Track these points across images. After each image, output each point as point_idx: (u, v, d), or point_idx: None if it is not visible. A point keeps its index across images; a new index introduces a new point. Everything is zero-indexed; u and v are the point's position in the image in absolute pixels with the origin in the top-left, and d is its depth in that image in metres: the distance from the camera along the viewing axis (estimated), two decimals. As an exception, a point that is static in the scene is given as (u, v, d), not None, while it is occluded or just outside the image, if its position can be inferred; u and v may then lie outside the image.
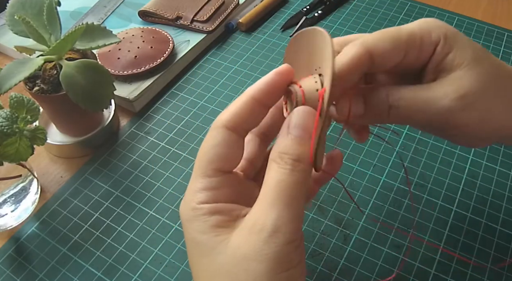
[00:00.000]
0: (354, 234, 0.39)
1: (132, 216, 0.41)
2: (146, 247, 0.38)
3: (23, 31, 0.39)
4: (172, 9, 0.58)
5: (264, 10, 0.61)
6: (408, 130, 0.47)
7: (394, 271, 0.36)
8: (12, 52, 0.55)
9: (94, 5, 0.61)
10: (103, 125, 0.46)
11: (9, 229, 0.40)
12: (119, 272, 0.37)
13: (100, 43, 0.39)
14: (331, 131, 0.47)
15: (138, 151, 0.46)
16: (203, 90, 0.52)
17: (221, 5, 0.59)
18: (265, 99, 0.26)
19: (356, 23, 0.60)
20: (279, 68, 0.27)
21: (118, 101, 0.50)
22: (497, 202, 0.41)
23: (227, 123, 0.25)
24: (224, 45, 0.57)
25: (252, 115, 0.26)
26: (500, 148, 0.45)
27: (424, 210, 0.40)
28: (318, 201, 0.41)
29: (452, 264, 0.37)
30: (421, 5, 0.63)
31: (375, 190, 0.42)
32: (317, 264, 0.37)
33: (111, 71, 0.49)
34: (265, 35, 0.59)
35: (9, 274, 0.37)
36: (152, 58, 0.51)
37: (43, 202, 0.42)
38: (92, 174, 0.44)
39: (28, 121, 0.35)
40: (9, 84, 0.36)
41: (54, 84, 0.40)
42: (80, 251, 0.38)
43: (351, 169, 0.44)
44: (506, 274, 0.36)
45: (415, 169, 0.44)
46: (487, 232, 0.39)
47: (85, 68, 0.38)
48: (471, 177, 0.43)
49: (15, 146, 0.34)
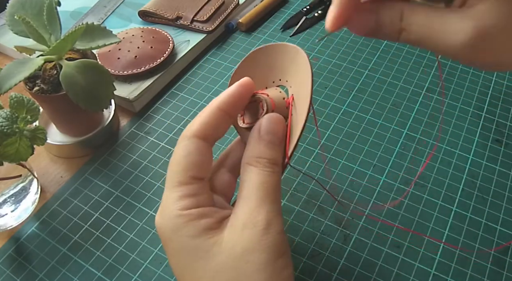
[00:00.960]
0: (354, 234, 0.39)
1: (132, 216, 0.41)
2: (146, 247, 0.38)
3: (23, 31, 0.39)
4: (172, 9, 0.58)
5: (264, 10, 0.61)
6: (408, 130, 0.47)
7: (394, 271, 0.36)
8: (12, 52, 0.55)
9: (94, 5, 0.61)
10: (103, 125, 0.46)
11: (9, 229, 0.40)
12: (119, 272, 0.37)
13: (100, 43, 0.39)
14: (331, 131, 0.47)
15: (138, 151, 0.46)
16: (203, 90, 0.52)
17: (221, 5, 0.59)
18: (230, 110, 0.28)
19: (356, 23, 0.60)
20: (242, 80, 0.29)
21: (118, 101, 0.50)
22: (497, 202, 0.41)
23: (198, 133, 0.27)
24: (224, 45, 0.57)
25: (219, 125, 0.28)
26: (500, 148, 0.45)
27: (424, 210, 0.40)
28: (318, 201, 0.41)
29: (452, 264, 0.37)
30: (421, 5, 0.63)
31: (375, 190, 0.42)
32: (317, 264, 0.37)
33: (111, 71, 0.49)
34: (265, 35, 0.59)
35: (9, 274, 0.37)
36: (152, 58, 0.51)
37: (43, 202, 0.42)
38: (92, 174, 0.44)
39: (28, 121, 0.35)
40: (9, 84, 0.36)
41: (54, 84, 0.40)
42: (80, 251, 0.38)
43: (351, 169, 0.44)
44: (506, 274, 0.36)
45: (415, 169, 0.44)
46: (487, 232, 0.39)
47: (85, 68, 0.38)
48: (471, 177, 0.43)
49: (15, 146, 0.34)
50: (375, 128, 0.47)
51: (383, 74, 0.53)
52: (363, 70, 0.54)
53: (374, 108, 0.49)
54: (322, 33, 0.59)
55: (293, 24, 0.60)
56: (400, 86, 0.52)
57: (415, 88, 0.51)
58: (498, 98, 0.51)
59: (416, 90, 0.51)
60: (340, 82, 0.52)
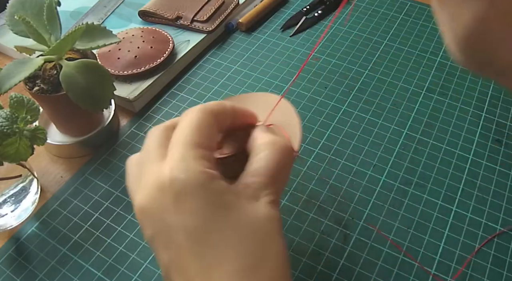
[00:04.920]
0: (354, 234, 0.39)
1: (132, 216, 0.41)
2: (146, 247, 0.38)
3: (23, 31, 0.39)
4: (172, 9, 0.58)
5: (264, 10, 0.61)
6: (408, 130, 0.47)
7: (394, 271, 0.36)
8: (12, 52, 0.55)
9: (94, 5, 0.61)
10: (103, 125, 0.46)
11: (9, 229, 0.40)
12: (119, 272, 0.37)
13: (100, 43, 0.39)
14: (331, 131, 0.47)
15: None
16: (203, 90, 0.52)
17: (221, 5, 0.59)
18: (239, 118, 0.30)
19: (356, 23, 0.60)
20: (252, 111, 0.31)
21: (118, 101, 0.50)
22: (497, 202, 0.41)
23: (214, 111, 0.28)
24: (224, 45, 0.57)
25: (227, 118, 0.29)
26: (500, 148, 0.45)
27: (424, 210, 0.40)
28: (318, 201, 0.41)
29: (452, 264, 0.37)
30: (421, 5, 0.63)
31: (375, 190, 0.42)
32: (317, 264, 0.37)
33: (111, 71, 0.49)
34: (265, 35, 0.59)
35: (9, 274, 0.37)
36: (152, 58, 0.51)
37: (43, 202, 0.42)
38: (92, 174, 0.44)
39: (28, 121, 0.35)
40: (9, 84, 0.36)
41: (54, 84, 0.40)
42: (80, 251, 0.38)
43: (351, 169, 0.44)
44: (506, 274, 0.36)
45: (415, 169, 0.44)
46: (487, 233, 0.39)
47: (85, 68, 0.38)
48: (471, 177, 0.43)
49: (15, 146, 0.34)
50: (375, 128, 0.47)
51: (383, 74, 0.53)
52: (363, 70, 0.54)
53: (374, 108, 0.49)
54: (321, 33, 0.59)
55: (293, 24, 0.60)
56: (400, 86, 0.52)
57: (415, 88, 0.51)
58: (498, 98, 0.51)
59: (416, 90, 0.51)
60: (340, 82, 0.52)
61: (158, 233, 0.25)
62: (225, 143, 0.31)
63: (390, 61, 0.55)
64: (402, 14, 0.61)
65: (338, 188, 0.42)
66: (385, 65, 0.54)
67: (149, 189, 0.25)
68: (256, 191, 0.26)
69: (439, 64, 0.54)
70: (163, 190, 0.25)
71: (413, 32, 0.58)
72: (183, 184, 0.24)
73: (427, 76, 0.53)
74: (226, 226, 0.24)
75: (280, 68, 0.54)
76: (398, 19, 0.61)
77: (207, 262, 0.24)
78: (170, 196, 0.24)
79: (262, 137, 0.29)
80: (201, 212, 0.24)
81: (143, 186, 0.26)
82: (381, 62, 0.55)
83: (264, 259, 0.25)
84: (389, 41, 0.57)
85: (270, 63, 0.54)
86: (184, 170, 0.25)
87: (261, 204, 0.26)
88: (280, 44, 0.57)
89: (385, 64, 0.54)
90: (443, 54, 0.55)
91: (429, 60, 0.55)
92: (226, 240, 0.24)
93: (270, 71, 0.54)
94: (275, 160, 0.27)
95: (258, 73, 0.53)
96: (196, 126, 0.27)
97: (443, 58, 0.55)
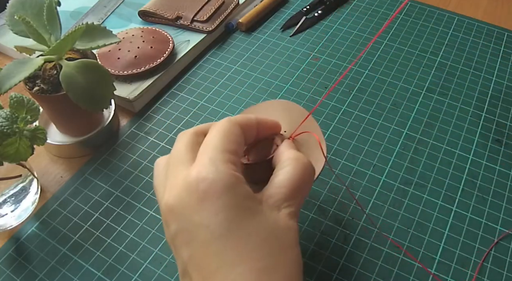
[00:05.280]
0: (354, 234, 0.39)
1: (132, 216, 0.41)
2: (146, 247, 0.38)
3: (23, 31, 0.39)
4: (172, 9, 0.58)
5: (264, 10, 0.61)
6: (408, 130, 0.47)
7: (394, 271, 0.36)
8: (12, 52, 0.55)
9: (94, 5, 0.61)
10: (103, 125, 0.46)
11: (9, 229, 0.40)
12: (119, 272, 0.37)
13: (100, 43, 0.39)
14: (331, 131, 0.47)
15: (138, 151, 0.46)
16: (203, 90, 0.52)
17: (221, 5, 0.59)
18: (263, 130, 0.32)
19: (356, 23, 0.60)
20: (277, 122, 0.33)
21: (118, 101, 0.50)
22: (497, 202, 0.41)
23: (240, 123, 0.30)
24: (224, 45, 0.57)
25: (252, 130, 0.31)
26: (500, 148, 0.45)
27: (424, 210, 0.40)
28: (318, 201, 0.41)
29: (452, 264, 0.37)
30: (421, 5, 0.63)
31: (375, 190, 0.42)
32: (317, 264, 0.37)
33: (111, 71, 0.49)
34: (265, 35, 0.59)
35: (9, 274, 0.37)
36: (152, 58, 0.51)
37: (43, 202, 0.42)
38: (92, 174, 0.44)
39: (28, 121, 0.35)
40: (9, 84, 0.36)
41: (54, 84, 0.40)
42: (80, 251, 0.38)
43: (351, 169, 0.44)
44: (506, 274, 0.36)
45: (415, 169, 0.44)
46: (487, 233, 0.39)
47: (85, 68, 0.38)
48: (471, 177, 0.43)
49: (15, 146, 0.34)
50: (375, 128, 0.47)
51: (383, 74, 0.53)
52: (363, 70, 0.54)
53: (374, 108, 0.49)
54: (321, 33, 0.59)
55: (293, 24, 0.60)
56: (400, 86, 0.52)
57: (415, 88, 0.51)
58: (498, 98, 0.51)
59: (416, 90, 0.51)
60: (340, 82, 0.52)
61: (182, 230, 0.26)
62: (250, 151, 0.33)
63: (390, 61, 0.55)
64: (402, 14, 0.61)
65: (338, 188, 0.42)
66: (385, 65, 0.54)
67: (177, 189, 0.26)
68: (278, 201, 0.28)
69: (439, 64, 0.54)
70: (190, 189, 0.26)
71: (413, 32, 0.59)
72: (210, 184, 0.25)
73: (427, 76, 0.53)
74: (248, 229, 0.25)
75: (280, 68, 0.54)
76: (398, 19, 0.61)
77: (226, 260, 0.25)
78: (197, 195, 0.25)
79: (288, 153, 0.30)
80: (226, 212, 0.25)
81: (171, 187, 0.27)
82: (381, 62, 0.55)
83: (280, 264, 0.26)
84: (389, 41, 0.57)
85: (270, 63, 0.54)
86: (213, 171, 0.26)
87: (281, 214, 0.27)
88: (280, 44, 0.57)
89: (385, 64, 0.54)
90: (443, 54, 0.56)
91: (429, 60, 0.55)
92: (246, 241, 0.25)
93: (270, 71, 0.54)
94: (297, 175, 0.29)
95: (258, 73, 0.53)
96: (226, 133, 0.28)
97: (443, 58, 0.55)
